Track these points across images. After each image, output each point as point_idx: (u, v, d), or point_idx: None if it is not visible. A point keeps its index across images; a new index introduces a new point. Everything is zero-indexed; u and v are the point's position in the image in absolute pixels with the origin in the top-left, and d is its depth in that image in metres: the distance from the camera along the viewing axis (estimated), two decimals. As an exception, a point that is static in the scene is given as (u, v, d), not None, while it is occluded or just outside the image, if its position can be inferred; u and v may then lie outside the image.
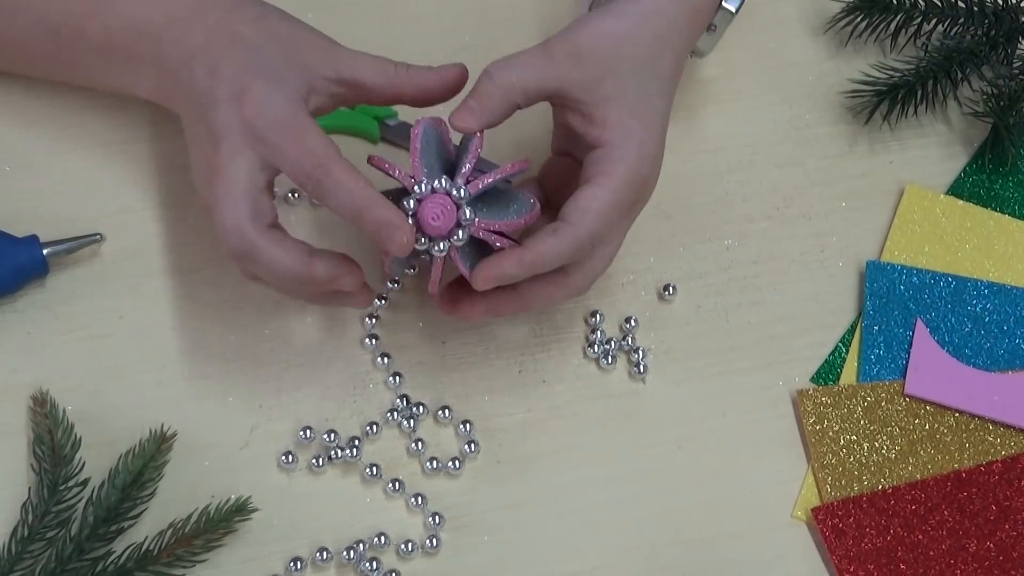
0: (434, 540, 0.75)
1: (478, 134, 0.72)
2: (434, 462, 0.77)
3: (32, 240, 0.78)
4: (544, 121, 0.79)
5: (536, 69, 0.72)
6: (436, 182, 0.70)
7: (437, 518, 0.76)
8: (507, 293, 0.74)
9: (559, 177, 0.78)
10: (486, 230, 0.71)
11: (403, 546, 0.75)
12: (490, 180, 0.71)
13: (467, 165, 0.71)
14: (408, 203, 0.70)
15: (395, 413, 0.78)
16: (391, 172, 0.72)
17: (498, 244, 0.72)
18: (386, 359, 0.80)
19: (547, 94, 0.73)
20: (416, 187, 0.70)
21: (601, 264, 0.74)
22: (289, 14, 0.76)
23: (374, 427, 0.78)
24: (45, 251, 0.78)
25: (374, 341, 0.80)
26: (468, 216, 0.70)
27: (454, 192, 0.70)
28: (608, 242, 0.74)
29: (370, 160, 0.73)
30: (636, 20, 0.73)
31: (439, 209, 0.70)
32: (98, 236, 0.80)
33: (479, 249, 0.73)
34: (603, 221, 0.71)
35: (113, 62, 0.76)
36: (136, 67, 0.76)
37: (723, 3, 0.80)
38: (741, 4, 0.80)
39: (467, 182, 0.71)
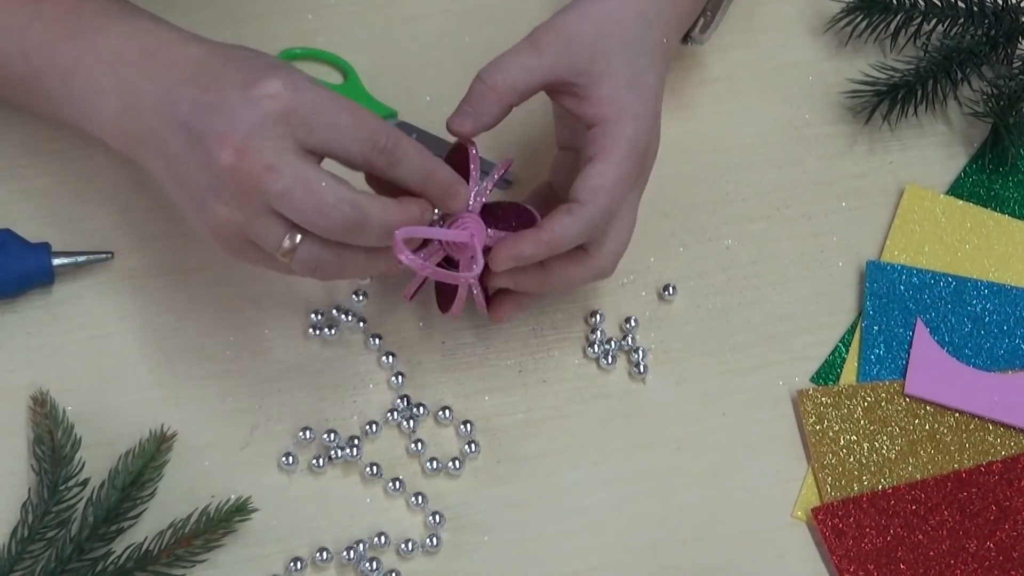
0: (434, 539, 0.75)
1: (473, 150, 0.74)
2: (434, 462, 0.77)
3: (43, 249, 0.78)
4: (547, 120, 0.79)
5: (527, 66, 0.73)
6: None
7: (437, 517, 0.75)
8: (530, 276, 0.75)
9: (566, 172, 0.78)
10: (497, 237, 0.73)
11: (403, 546, 0.75)
12: (488, 188, 0.74)
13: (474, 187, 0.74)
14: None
15: (395, 413, 0.78)
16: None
17: None
18: (391, 357, 0.80)
19: (541, 86, 0.74)
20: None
21: (619, 243, 0.75)
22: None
23: (374, 426, 0.78)
24: (54, 262, 0.78)
25: (377, 341, 0.80)
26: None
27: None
28: (621, 218, 0.75)
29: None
30: (618, 1, 0.75)
31: (472, 224, 0.73)
32: (109, 255, 0.80)
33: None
34: (613, 196, 0.72)
35: (76, 90, 0.72)
36: (96, 98, 0.71)
37: None
38: None
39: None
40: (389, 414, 0.78)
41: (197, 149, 0.67)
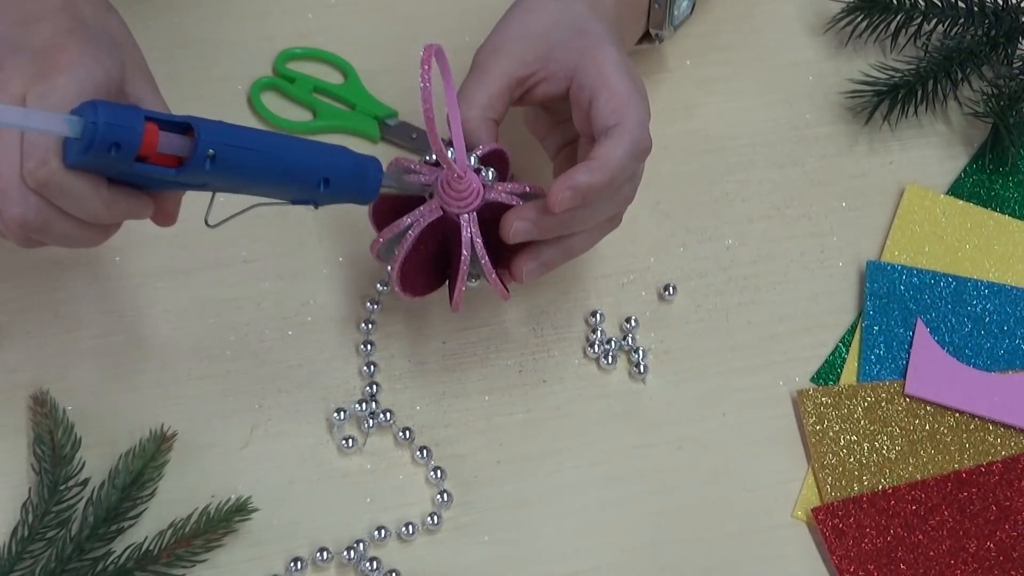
0: (434, 539, 0.75)
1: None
2: (438, 472, 0.77)
3: (375, 163, 0.71)
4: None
5: (487, 79, 0.74)
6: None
7: (436, 517, 0.75)
8: (551, 244, 0.74)
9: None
10: (507, 192, 0.73)
11: (403, 545, 0.75)
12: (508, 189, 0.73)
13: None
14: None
15: (389, 414, 0.78)
16: (419, 170, 0.73)
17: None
18: (372, 368, 0.80)
19: (511, 90, 0.75)
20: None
21: (631, 190, 0.75)
22: (127, 27, 0.71)
23: (372, 423, 0.78)
24: (382, 185, 0.70)
25: (369, 347, 0.80)
26: (491, 177, 0.73)
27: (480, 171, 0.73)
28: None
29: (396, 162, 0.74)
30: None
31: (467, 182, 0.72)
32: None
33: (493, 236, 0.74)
34: (640, 123, 0.72)
35: None
36: None
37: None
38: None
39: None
40: (383, 415, 0.78)
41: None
